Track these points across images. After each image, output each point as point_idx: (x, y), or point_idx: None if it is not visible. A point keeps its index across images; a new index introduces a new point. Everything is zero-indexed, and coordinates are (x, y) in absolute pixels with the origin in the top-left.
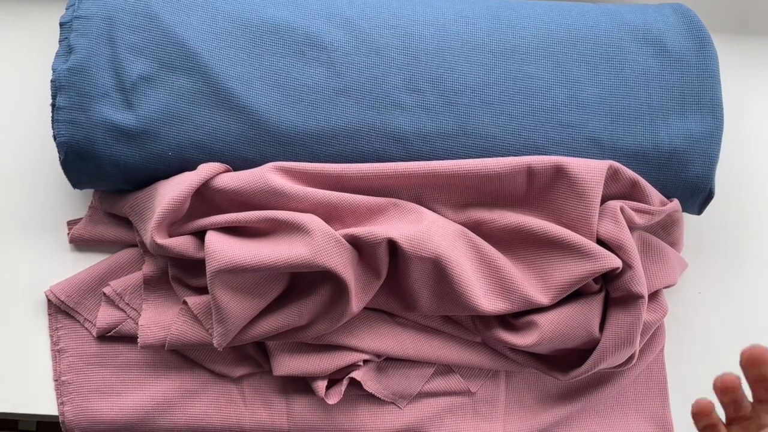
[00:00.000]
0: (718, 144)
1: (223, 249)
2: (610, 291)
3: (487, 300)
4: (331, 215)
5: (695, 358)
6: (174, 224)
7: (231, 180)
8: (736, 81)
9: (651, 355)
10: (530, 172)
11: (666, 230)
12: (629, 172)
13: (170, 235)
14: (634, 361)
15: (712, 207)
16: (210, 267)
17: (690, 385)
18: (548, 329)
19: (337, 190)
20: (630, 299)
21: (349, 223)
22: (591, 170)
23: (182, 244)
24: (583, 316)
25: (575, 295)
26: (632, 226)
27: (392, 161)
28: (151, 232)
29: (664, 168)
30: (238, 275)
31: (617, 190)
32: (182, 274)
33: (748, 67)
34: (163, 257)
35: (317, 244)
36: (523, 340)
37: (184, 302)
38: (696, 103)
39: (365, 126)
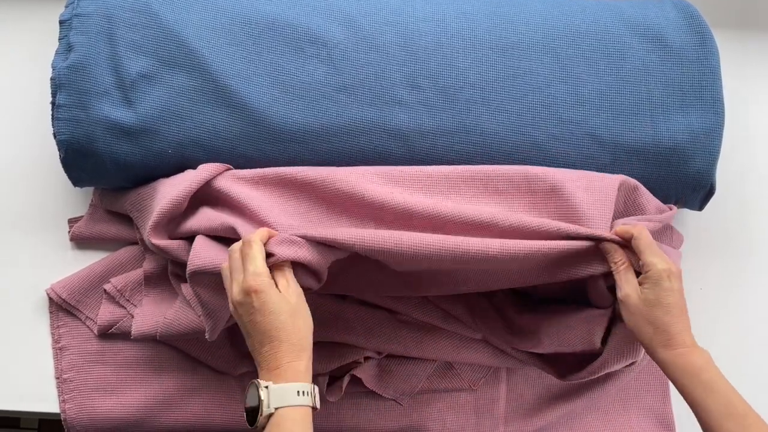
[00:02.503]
0: (719, 139)
1: (198, 253)
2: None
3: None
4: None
5: None
6: (172, 222)
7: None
8: (737, 76)
9: None
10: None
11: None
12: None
13: (169, 233)
14: (637, 362)
15: (713, 203)
16: (187, 269)
17: None
18: (549, 342)
19: (374, 220)
20: None
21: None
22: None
23: (177, 248)
24: (587, 330)
25: (584, 304)
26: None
27: (392, 158)
28: (148, 233)
29: (665, 164)
30: (213, 276)
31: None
32: (181, 271)
33: (749, 62)
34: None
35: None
36: (523, 345)
37: (180, 290)
38: (697, 99)
39: (365, 123)
